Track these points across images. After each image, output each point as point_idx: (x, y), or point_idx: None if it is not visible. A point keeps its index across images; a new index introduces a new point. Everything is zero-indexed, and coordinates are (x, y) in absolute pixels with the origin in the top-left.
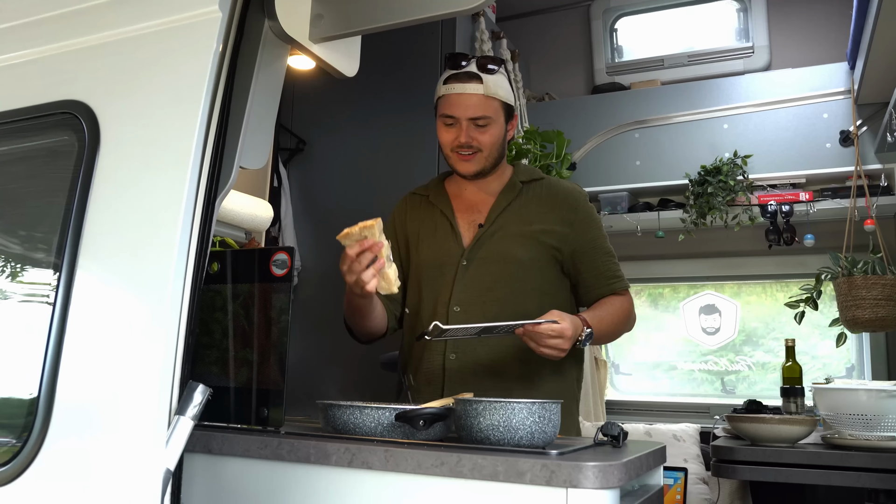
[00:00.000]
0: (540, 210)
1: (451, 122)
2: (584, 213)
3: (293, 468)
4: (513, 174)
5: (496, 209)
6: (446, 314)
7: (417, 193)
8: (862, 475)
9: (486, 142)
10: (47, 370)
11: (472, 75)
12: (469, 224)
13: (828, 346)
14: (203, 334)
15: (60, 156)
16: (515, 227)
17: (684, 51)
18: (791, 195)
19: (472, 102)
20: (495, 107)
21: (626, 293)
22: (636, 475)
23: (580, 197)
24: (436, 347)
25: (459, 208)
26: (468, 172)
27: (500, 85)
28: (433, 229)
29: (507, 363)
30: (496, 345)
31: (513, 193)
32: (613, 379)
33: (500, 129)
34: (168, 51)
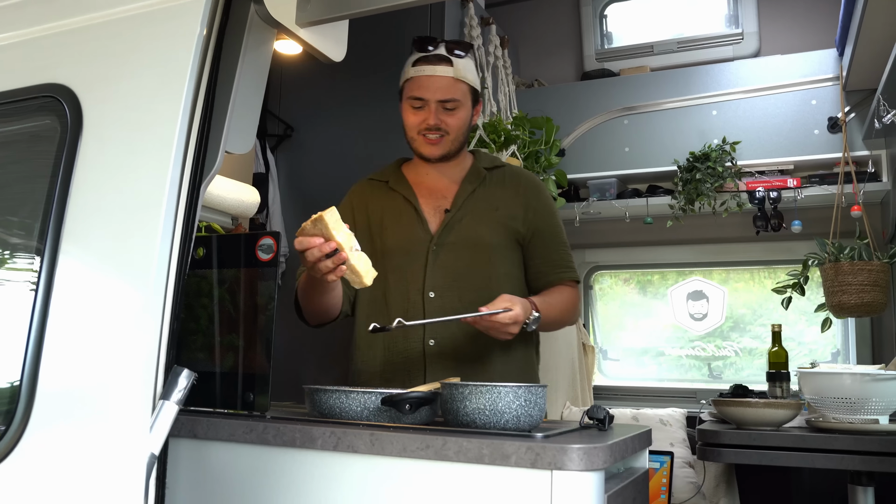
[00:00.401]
0: (504, 195)
1: (420, 105)
2: (545, 201)
3: (279, 452)
4: (475, 161)
5: (462, 194)
6: (421, 300)
7: (375, 179)
8: (845, 458)
9: (454, 125)
10: (30, 355)
11: (442, 58)
12: (434, 210)
13: (814, 332)
14: (189, 320)
15: (43, 140)
16: (482, 213)
17: (674, 37)
18: (779, 181)
19: (441, 84)
20: (464, 90)
21: (574, 285)
22: (621, 458)
23: (541, 184)
24: (414, 335)
25: (422, 194)
26: (433, 156)
27: (469, 69)
28: (397, 216)
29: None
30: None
31: (477, 179)
32: (601, 365)
33: (467, 113)
34: (152, 34)
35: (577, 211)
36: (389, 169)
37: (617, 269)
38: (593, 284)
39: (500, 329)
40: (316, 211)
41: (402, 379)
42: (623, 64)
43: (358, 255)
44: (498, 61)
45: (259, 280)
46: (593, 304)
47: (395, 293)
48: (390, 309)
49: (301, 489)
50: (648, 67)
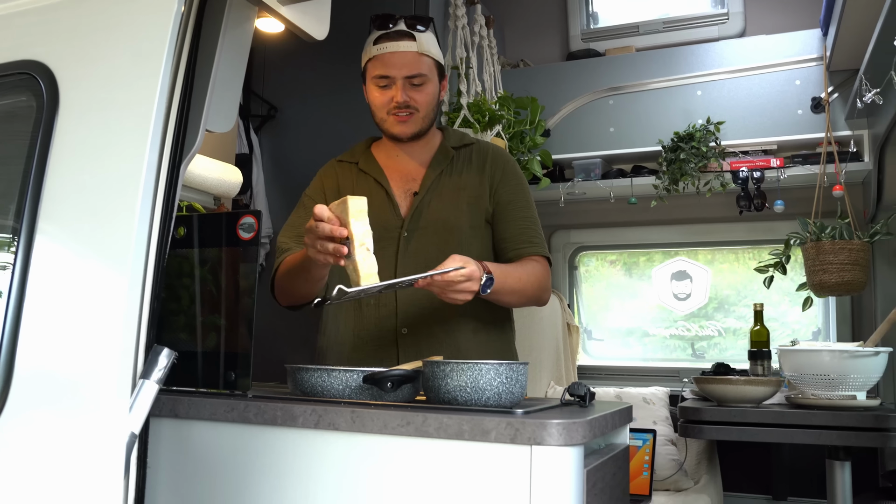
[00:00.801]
0: (470, 174)
1: (386, 84)
2: (510, 173)
3: (260, 431)
4: (443, 140)
5: (430, 175)
6: (394, 292)
7: (345, 161)
8: (823, 433)
9: (423, 101)
10: (7, 336)
11: (403, 33)
12: (404, 193)
13: (796, 312)
14: (170, 300)
15: (18, 118)
16: (450, 195)
17: (659, 17)
18: (762, 161)
19: (406, 60)
20: (429, 64)
21: (540, 260)
22: (601, 433)
23: (508, 158)
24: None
25: (392, 177)
26: (405, 134)
27: (431, 42)
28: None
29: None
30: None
31: (446, 160)
32: (586, 344)
33: (434, 87)
34: (130, 10)
35: (561, 191)
36: (359, 150)
37: (602, 249)
38: (578, 265)
39: (455, 289)
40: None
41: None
42: (609, 44)
43: (365, 255)
44: (483, 41)
45: (240, 259)
46: (578, 285)
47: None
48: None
49: (283, 467)
50: (634, 48)
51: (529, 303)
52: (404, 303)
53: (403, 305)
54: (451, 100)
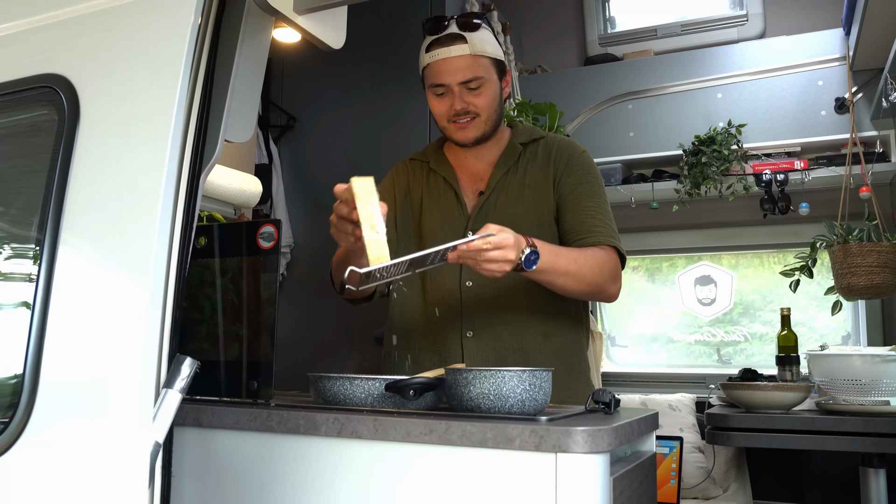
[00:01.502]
0: (536, 170)
1: (443, 91)
2: (574, 163)
3: (283, 439)
4: (511, 136)
5: (496, 175)
6: (458, 290)
7: (417, 159)
8: (856, 440)
9: (483, 104)
10: (32, 346)
11: (455, 36)
12: (472, 192)
13: (824, 316)
14: (192, 309)
15: (40, 131)
16: (516, 192)
17: (677, 20)
18: (786, 164)
19: (460, 65)
20: (486, 65)
21: (605, 248)
22: (627, 440)
23: (575, 150)
24: (452, 325)
25: (462, 176)
26: (468, 140)
27: (487, 41)
28: (437, 198)
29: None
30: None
31: (513, 157)
32: (609, 351)
33: (494, 88)
34: (148, 23)
35: None
36: (431, 149)
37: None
38: None
39: (485, 258)
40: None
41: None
42: (626, 48)
43: (373, 238)
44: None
45: (261, 268)
46: None
47: (432, 280)
48: (428, 297)
49: (305, 475)
50: (652, 51)
51: (592, 290)
52: (469, 304)
53: (468, 307)
54: None
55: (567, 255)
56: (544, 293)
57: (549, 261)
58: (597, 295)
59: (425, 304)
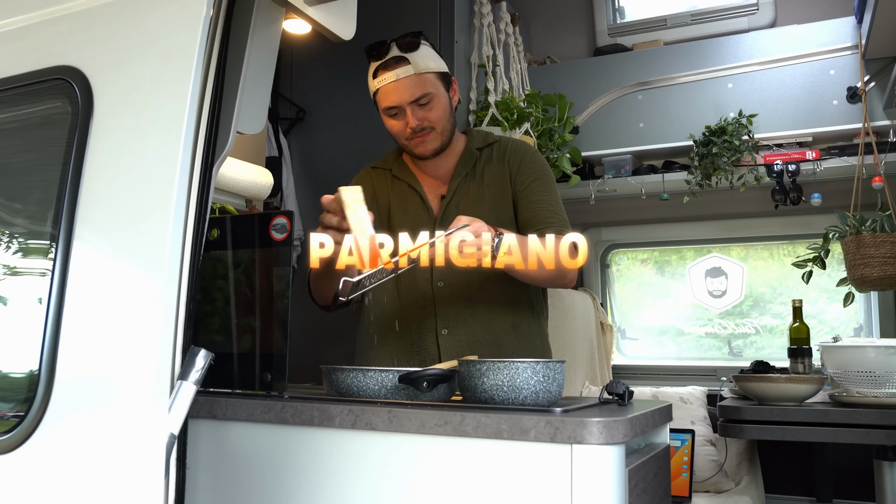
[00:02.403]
0: (493, 172)
1: (395, 112)
2: (527, 161)
3: (297, 431)
4: (467, 142)
5: (456, 178)
6: (430, 289)
7: (378, 168)
8: (870, 432)
9: (436, 117)
10: (48, 339)
11: (399, 59)
12: (435, 197)
13: (835, 309)
14: (205, 301)
15: (54, 123)
16: (476, 194)
17: (687, 9)
18: (797, 154)
19: (407, 85)
20: (432, 81)
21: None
22: (641, 432)
23: (528, 149)
24: (427, 324)
25: (424, 181)
26: (428, 153)
27: (429, 56)
28: (404, 203)
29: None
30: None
31: (470, 161)
32: (619, 344)
33: (444, 100)
34: (160, 15)
35: (592, 189)
36: (391, 157)
37: (634, 247)
38: (610, 263)
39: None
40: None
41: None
42: (636, 38)
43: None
44: (509, 38)
45: (274, 260)
46: (611, 284)
47: (405, 282)
48: (401, 298)
49: (320, 467)
50: (662, 41)
51: (554, 276)
52: (442, 303)
53: (442, 306)
54: (478, 98)
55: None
56: (510, 286)
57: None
58: (558, 280)
59: (400, 306)
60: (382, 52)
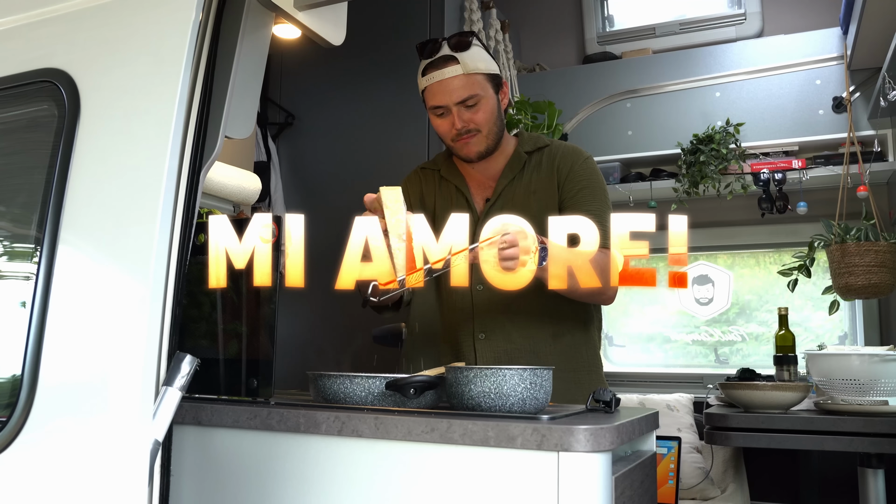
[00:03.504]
0: (541, 178)
1: (442, 112)
2: (577, 169)
3: (283, 438)
4: (517, 145)
5: (502, 183)
6: (469, 293)
7: (428, 168)
8: (854, 440)
9: (482, 120)
10: (31, 343)
11: (448, 58)
12: (481, 199)
13: (821, 316)
14: (192, 307)
15: (40, 126)
16: (521, 200)
17: (676, 19)
18: (784, 163)
19: (455, 86)
20: (480, 82)
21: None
22: (628, 439)
23: (578, 156)
24: (465, 328)
25: (472, 184)
26: (472, 156)
27: (479, 58)
28: (449, 204)
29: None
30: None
31: (518, 165)
32: (607, 351)
33: (491, 103)
34: (148, 18)
35: None
36: (441, 157)
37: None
38: None
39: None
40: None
41: None
42: (625, 47)
43: (399, 248)
44: (499, 45)
45: None
46: None
47: (446, 286)
48: (442, 302)
49: (306, 474)
50: (651, 50)
51: (592, 292)
52: (480, 307)
53: (480, 310)
54: None
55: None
56: (552, 296)
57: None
58: (596, 297)
59: (441, 308)
60: (432, 50)
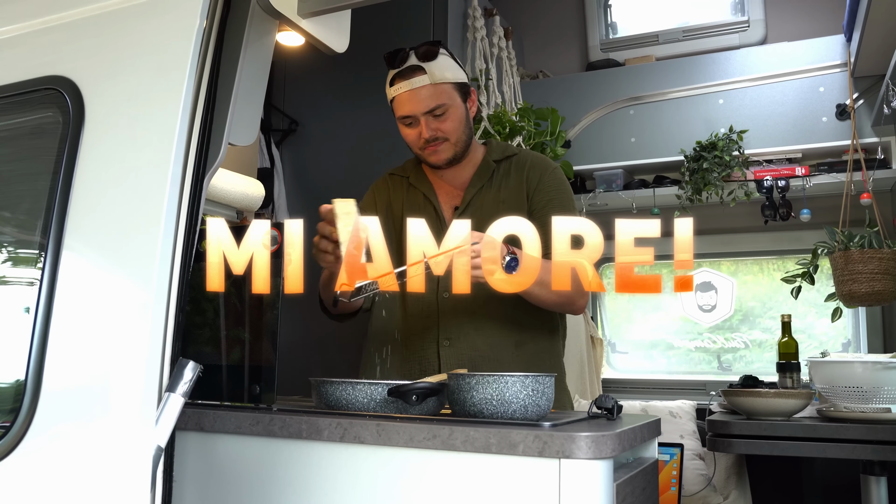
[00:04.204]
0: (510, 186)
1: (410, 121)
2: (547, 179)
3: (285, 444)
4: (485, 153)
5: (470, 191)
6: (436, 300)
7: (396, 174)
8: (857, 447)
9: (450, 128)
10: (35, 349)
11: (415, 68)
12: (449, 207)
13: (824, 324)
14: (195, 313)
15: (45, 133)
16: (490, 208)
17: (679, 26)
18: (787, 170)
19: (423, 95)
20: (448, 91)
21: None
22: (630, 446)
23: (547, 166)
24: (429, 334)
25: (440, 192)
26: (441, 162)
27: (446, 67)
28: (417, 212)
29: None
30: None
31: (486, 174)
32: (610, 357)
33: (459, 111)
34: (152, 25)
35: (583, 202)
36: (410, 164)
37: None
38: (601, 277)
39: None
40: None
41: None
42: (628, 54)
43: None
44: (502, 52)
45: None
46: (601, 297)
47: (411, 293)
48: (407, 306)
49: (308, 480)
50: (654, 57)
51: (562, 301)
52: (446, 314)
53: (445, 317)
54: None
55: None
56: (516, 304)
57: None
58: (566, 306)
59: (405, 314)
60: (399, 60)
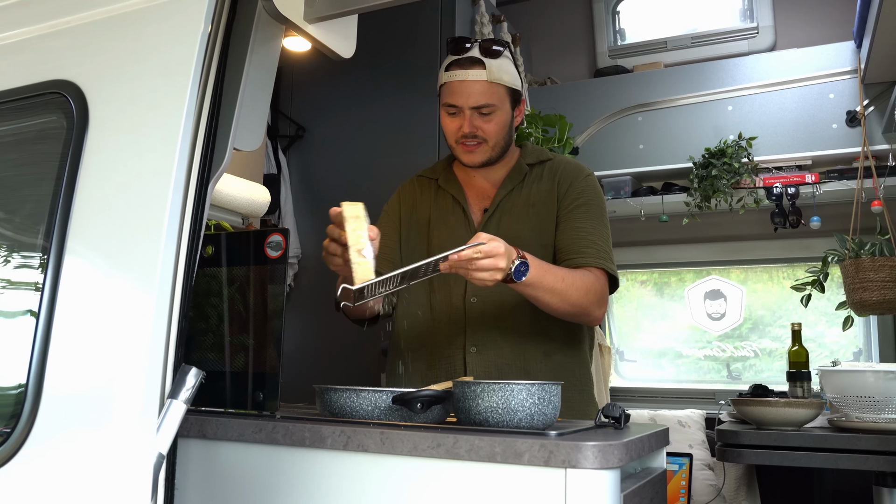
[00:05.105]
0: (541, 191)
1: (455, 111)
2: (577, 185)
3: (288, 452)
4: (519, 156)
5: (501, 193)
6: (463, 305)
7: (425, 176)
8: (869, 458)
9: (491, 131)
10: (36, 354)
11: (475, 60)
12: (479, 210)
13: (835, 332)
14: (198, 319)
15: (49, 137)
16: (520, 212)
17: (687, 32)
18: (797, 177)
19: (475, 90)
20: (500, 93)
21: (594, 271)
22: (637, 456)
23: (580, 172)
24: (456, 340)
25: (470, 194)
26: (473, 163)
27: (505, 69)
28: (445, 215)
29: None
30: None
31: (518, 177)
32: (618, 366)
33: (505, 116)
34: (157, 30)
35: None
36: (440, 166)
37: (633, 268)
38: None
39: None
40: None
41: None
42: (636, 60)
43: (359, 262)
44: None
45: (268, 278)
46: (609, 305)
47: (439, 297)
48: (434, 313)
49: (311, 489)
50: (662, 63)
51: (576, 312)
52: (473, 320)
53: (472, 323)
54: None
55: (556, 272)
56: (543, 313)
57: (538, 275)
58: (580, 317)
59: (431, 319)
60: (462, 48)
